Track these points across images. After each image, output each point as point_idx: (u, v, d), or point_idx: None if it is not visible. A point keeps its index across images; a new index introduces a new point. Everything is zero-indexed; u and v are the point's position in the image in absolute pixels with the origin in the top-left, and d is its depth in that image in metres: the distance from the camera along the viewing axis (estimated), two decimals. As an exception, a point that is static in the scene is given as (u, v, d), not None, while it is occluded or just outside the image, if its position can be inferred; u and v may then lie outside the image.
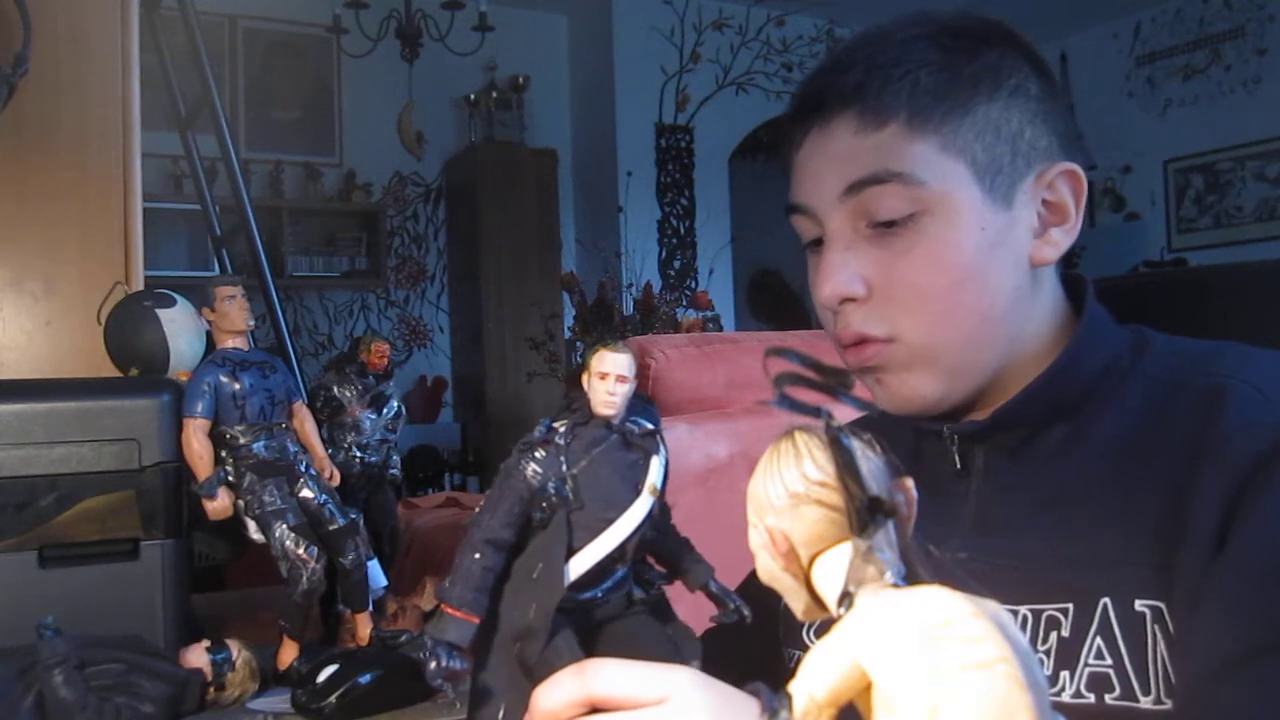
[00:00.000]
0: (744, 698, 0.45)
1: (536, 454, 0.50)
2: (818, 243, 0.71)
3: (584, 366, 0.51)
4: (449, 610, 0.48)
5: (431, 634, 0.48)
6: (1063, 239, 0.69)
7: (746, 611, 0.55)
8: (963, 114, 0.66)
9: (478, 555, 0.49)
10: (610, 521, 0.50)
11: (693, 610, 0.69)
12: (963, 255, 0.66)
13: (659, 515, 0.53)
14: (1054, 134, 0.69)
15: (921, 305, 0.67)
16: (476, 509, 0.51)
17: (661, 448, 0.52)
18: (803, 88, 0.71)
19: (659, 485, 0.52)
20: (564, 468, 0.49)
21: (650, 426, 0.52)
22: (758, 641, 0.82)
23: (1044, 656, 0.62)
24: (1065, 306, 0.72)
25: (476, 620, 0.48)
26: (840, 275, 0.68)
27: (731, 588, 0.85)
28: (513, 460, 0.50)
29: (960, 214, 0.66)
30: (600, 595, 0.50)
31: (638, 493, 0.51)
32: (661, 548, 0.54)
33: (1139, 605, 0.59)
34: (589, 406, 0.51)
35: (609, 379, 0.51)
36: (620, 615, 0.52)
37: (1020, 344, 0.69)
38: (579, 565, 0.49)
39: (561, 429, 0.50)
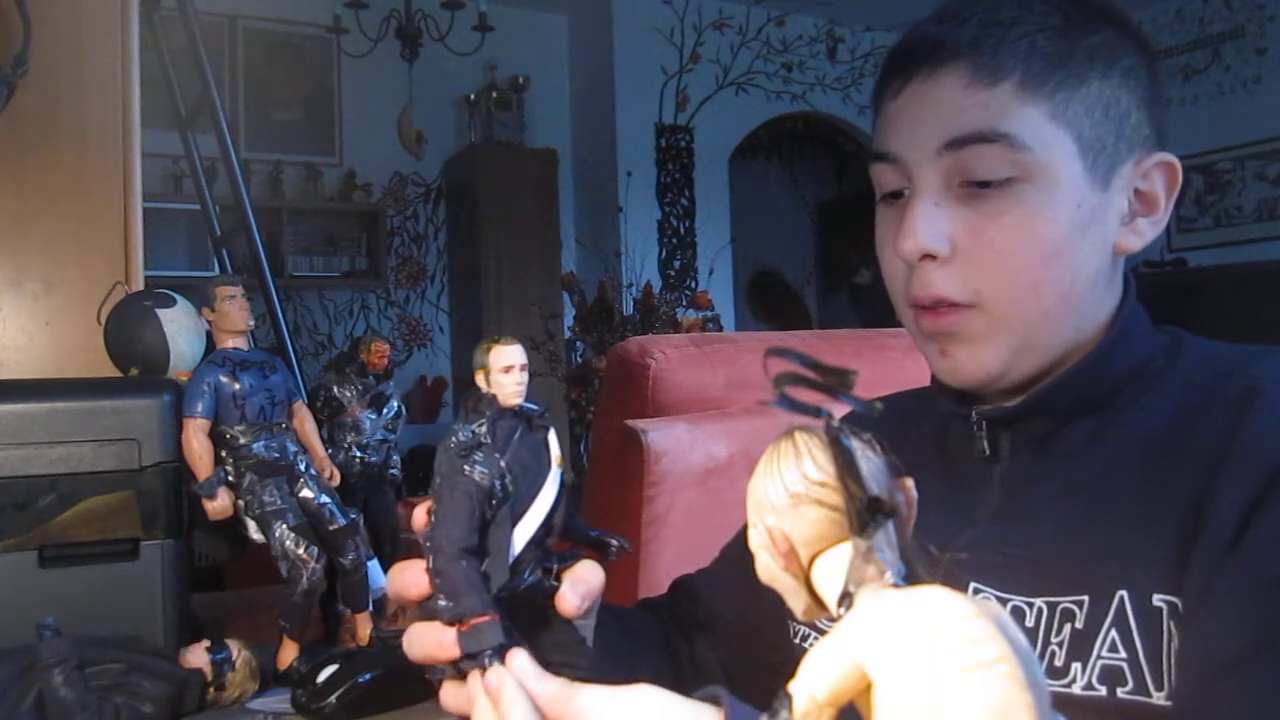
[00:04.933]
0: (702, 706, 0.44)
1: (476, 456, 0.51)
2: (897, 195, 0.70)
3: (482, 366, 0.52)
4: (477, 620, 0.48)
5: (473, 648, 0.48)
6: (1149, 230, 0.69)
7: (627, 544, 0.57)
8: (1076, 85, 0.65)
9: (464, 563, 0.49)
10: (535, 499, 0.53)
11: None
12: (1056, 229, 0.65)
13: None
14: (1154, 123, 0.69)
15: (1007, 273, 0.65)
16: (428, 527, 0.51)
17: (552, 424, 0.55)
18: (908, 36, 0.69)
19: (561, 456, 0.54)
20: (501, 463, 0.51)
21: (538, 408, 0.53)
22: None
23: (1057, 648, 0.62)
24: (1119, 302, 0.71)
25: (499, 618, 0.49)
26: (926, 230, 0.66)
27: (733, 588, 0.86)
28: (452, 468, 0.51)
29: (1060, 186, 0.65)
30: (521, 586, 0.52)
31: (549, 468, 0.53)
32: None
33: (1157, 600, 0.59)
34: (497, 401, 0.52)
35: (514, 370, 0.52)
36: (534, 603, 0.53)
37: (1085, 332, 0.69)
38: (516, 545, 0.51)
39: (484, 428, 0.51)
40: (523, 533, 0.51)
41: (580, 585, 0.53)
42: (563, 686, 0.46)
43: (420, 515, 0.52)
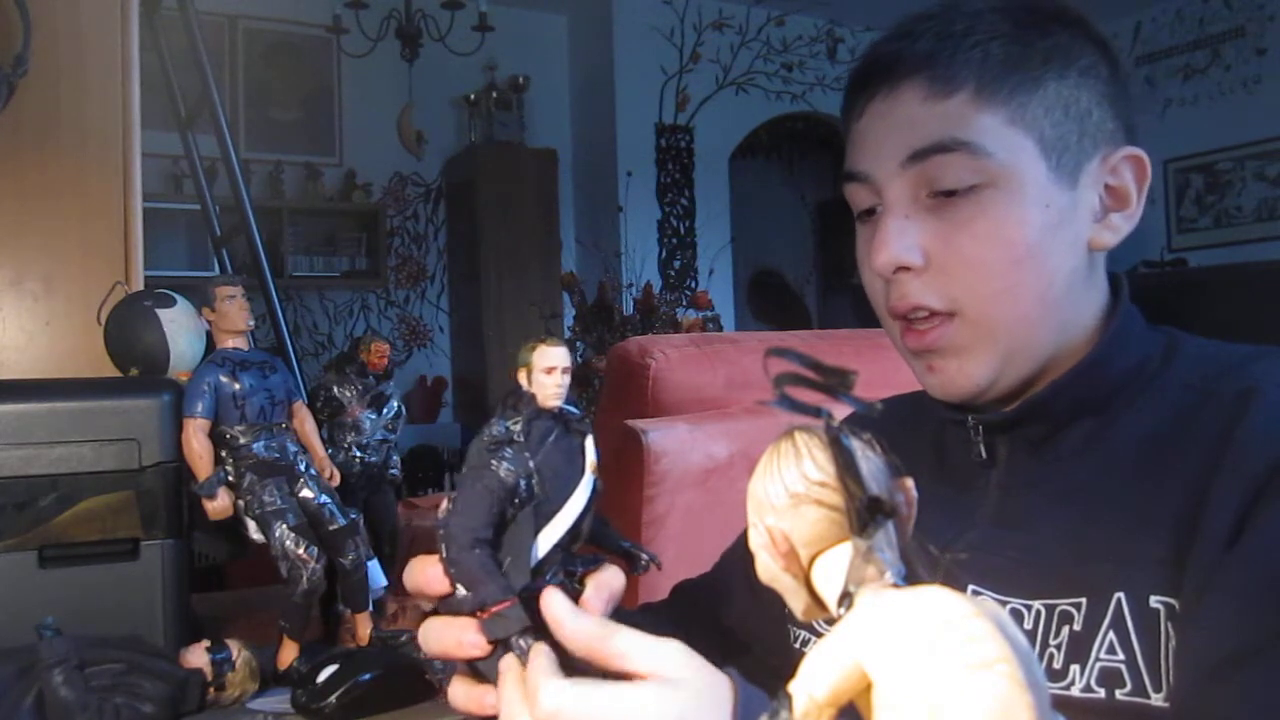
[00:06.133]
0: (719, 674, 0.46)
1: (505, 453, 0.51)
2: (871, 212, 0.71)
3: (525, 364, 0.52)
4: (498, 606, 0.48)
5: (499, 634, 0.48)
6: (1123, 225, 0.69)
7: (658, 560, 0.57)
8: (1033, 88, 0.65)
9: (478, 551, 0.49)
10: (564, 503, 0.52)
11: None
12: (1025, 231, 0.65)
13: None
14: (1120, 119, 0.69)
15: (980, 280, 0.66)
16: (445, 514, 0.51)
17: (590, 428, 0.54)
18: (867, 55, 0.70)
19: (597, 463, 0.54)
20: (530, 463, 0.50)
21: (579, 412, 0.53)
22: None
23: (1055, 650, 0.62)
24: (1108, 303, 0.71)
25: (517, 600, 0.49)
26: (898, 243, 0.67)
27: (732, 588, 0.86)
28: (480, 460, 0.51)
29: (1025, 189, 0.65)
30: (542, 588, 0.52)
31: (582, 473, 0.53)
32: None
33: (1154, 601, 0.59)
34: (535, 400, 0.52)
35: (555, 372, 0.52)
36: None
37: (1070, 333, 0.69)
38: (541, 548, 0.51)
39: (518, 426, 0.51)
40: (549, 536, 0.51)
41: (604, 590, 0.53)
42: (600, 624, 0.47)
43: (444, 504, 0.52)
